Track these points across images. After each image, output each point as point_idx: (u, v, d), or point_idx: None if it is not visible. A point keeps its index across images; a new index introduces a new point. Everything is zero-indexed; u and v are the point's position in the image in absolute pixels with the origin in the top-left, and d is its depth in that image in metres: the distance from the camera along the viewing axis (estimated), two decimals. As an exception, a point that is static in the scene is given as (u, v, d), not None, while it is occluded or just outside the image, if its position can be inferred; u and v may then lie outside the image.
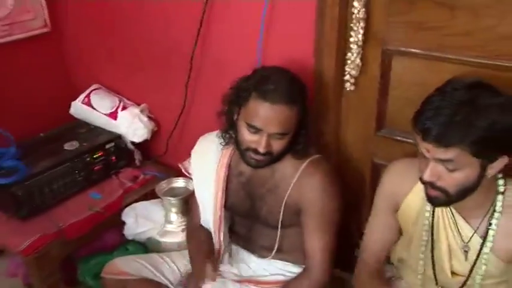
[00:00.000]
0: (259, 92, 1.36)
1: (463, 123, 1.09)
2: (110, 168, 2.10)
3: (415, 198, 1.34)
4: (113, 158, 2.10)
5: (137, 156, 2.20)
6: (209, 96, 1.88)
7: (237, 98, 1.43)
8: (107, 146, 2.09)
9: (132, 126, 2.13)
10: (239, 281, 1.59)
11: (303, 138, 1.45)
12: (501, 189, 1.23)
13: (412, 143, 1.48)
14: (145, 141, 2.18)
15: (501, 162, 1.14)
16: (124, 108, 2.17)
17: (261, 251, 1.61)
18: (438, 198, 1.20)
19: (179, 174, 2.00)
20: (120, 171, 2.13)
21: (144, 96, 2.20)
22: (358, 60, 1.52)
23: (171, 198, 1.87)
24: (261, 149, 1.38)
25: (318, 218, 1.46)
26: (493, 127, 1.08)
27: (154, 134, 2.21)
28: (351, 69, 1.54)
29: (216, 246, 1.61)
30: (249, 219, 1.60)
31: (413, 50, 1.44)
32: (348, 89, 1.57)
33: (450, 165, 1.13)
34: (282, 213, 1.49)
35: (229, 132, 1.52)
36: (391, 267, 1.52)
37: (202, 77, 1.94)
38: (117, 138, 2.13)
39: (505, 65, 1.31)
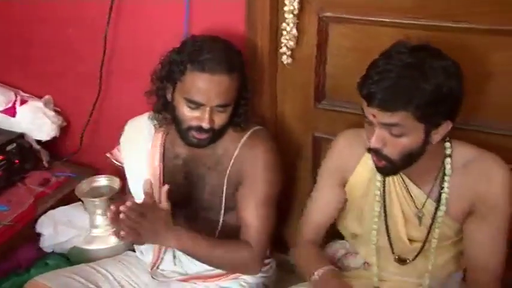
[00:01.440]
0: (195, 63, 1.29)
1: (408, 87, 1.09)
2: (13, 173, 1.86)
3: (364, 169, 1.33)
4: (16, 161, 1.87)
5: (44, 156, 1.98)
6: (129, 80, 1.75)
7: (170, 74, 1.35)
8: (8, 148, 1.85)
9: (36, 122, 1.93)
10: (185, 280, 1.50)
11: (244, 109, 1.41)
12: (448, 151, 1.26)
13: (354, 113, 1.49)
14: (53, 139, 1.98)
15: (445, 127, 1.16)
16: (23, 102, 1.95)
17: None
18: (384, 167, 1.21)
19: (98, 172, 1.86)
20: (26, 175, 1.91)
21: (46, 87, 1.98)
22: (294, 31, 1.47)
23: (95, 200, 1.70)
24: (205, 125, 1.32)
25: (257, 190, 1.41)
26: (438, 90, 1.09)
27: (64, 130, 2.02)
28: (287, 41, 1.48)
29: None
30: (189, 207, 1.51)
31: (350, 16, 1.43)
32: (285, 62, 1.52)
33: (396, 130, 1.13)
34: (224, 191, 1.44)
35: (162, 112, 1.43)
36: (345, 243, 1.51)
37: (120, 59, 1.78)
38: (19, 137, 1.91)
39: (444, 26, 1.33)
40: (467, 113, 1.35)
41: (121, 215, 1.23)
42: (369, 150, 1.21)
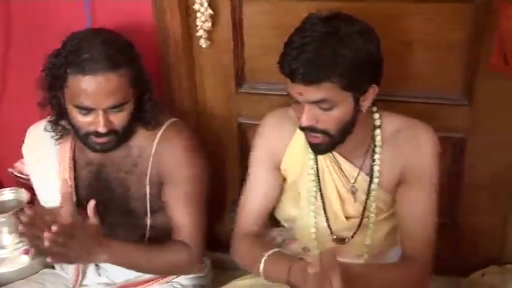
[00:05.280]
0: (74, 65, 1.23)
1: (329, 56, 1.11)
2: None
3: (297, 148, 1.33)
4: None
5: None
6: (28, 81, 1.63)
7: (53, 81, 1.28)
8: None
9: None
10: (113, 290, 1.44)
11: (149, 105, 1.36)
12: (377, 123, 1.28)
13: (278, 95, 1.50)
14: None
15: (372, 92, 1.19)
16: None
17: None
18: (322, 143, 1.21)
19: (1, 185, 1.74)
20: None
21: None
22: (209, 11, 1.44)
23: (-1, 216, 1.59)
24: (101, 129, 1.27)
25: (183, 188, 1.38)
26: (358, 55, 1.12)
27: None
28: (203, 23, 1.45)
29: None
30: (112, 215, 1.44)
31: (263, -9, 1.42)
32: (203, 45, 1.48)
33: (325, 105, 1.15)
34: (148, 194, 1.40)
35: (61, 122, 1.37)
36: (282, 230, 1.51)
37: (14, 57, 1.67)
38: None
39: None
40: (391, 83, 1.38)
41: (45, 242, 1.17)
42: (303, 129, 1.21)
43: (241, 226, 1.41)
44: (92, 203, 1.28)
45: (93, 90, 1.23)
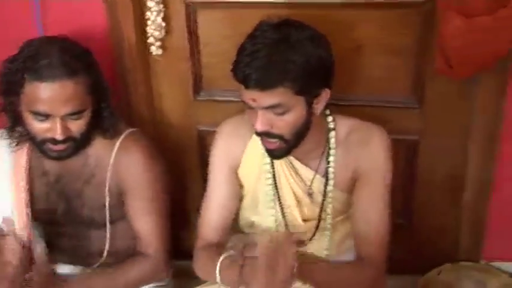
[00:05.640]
0: (31, 72, 1.23)
1: (281, 62, 1.13)
2: None
3: (253, 153, 1.35)
4: None
5: None
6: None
7: (9, 87, 1.28)
8: None
9: None
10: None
11: (107, 112, 1.36)
12: (331, 125, 1.32)
13: (236, 101, 1.50)
14: None
15: (324, 95, 1.22)
16: None
17: (89, 259, 1.46)
18: (277, 149, 1.23)
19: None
20: None
21: None
22: (159, 20, 1.45)
23: None
24: (58, 136, 1.26)
25: (144, 197, 1.38)
26: (309, 60, 1.15)
27: None
28: (153, 31, 1.46)
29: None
30: (71, 226, 1.43)
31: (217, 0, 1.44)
32: (154, 53, 1.49)
33: (278, 109, 1.17)
34: (107, 204, 1.39)
35: (17, 128, 1.35)
36: (243, 237, 1.50)
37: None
38: None
39: (306, 2, 1.39)
40: (344, 88, 1.43)
41: None
42: (258, 134, 1.23)
43: (201, 236, 1.41)
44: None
45: (51, 96, 1.23)
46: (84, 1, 1.48)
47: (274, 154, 1.27)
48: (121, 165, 1.38)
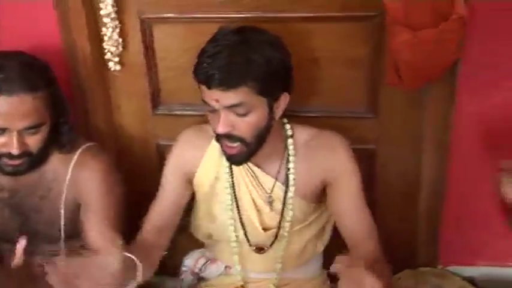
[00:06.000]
0: None
1: (242, 61, 1.17)
2: None
3: (211, 162, 1.36)
4: None
5: None
6: None
7: None
8: None
9: None
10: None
11: (65, 127, 1.36)
12: (289, 132, 1.34)
13: (195, 115, 1.53)
14: None
15: (284, 99, 1.25)
16: None
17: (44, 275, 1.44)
18: (238, 153, 1.24)
19: None
20: None
21: None
22: (116, 35, 1.46)
23: None
24: (15, 151, 1.26)
25: (98, 212, 1.38)
26: (269, 62, 1.18)
27: None
28: (110, 47, 1.47)
29: None
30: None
31: (171, 14, 1.45)
32: (112, 69, 1.50)
33: (241, 110, 1.19)
34: (62, 220, 1.39)
35: None
36: (204, 251, 1.52)
37: None
38: None
39: (262, 16, 1.41)
40: (301, 99, 1.46)
41: None
42: (218, 139, 1.24)
43: (141, 230, 1.38)
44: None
45: (8, 110, 1.23)
46: (38, 19, 1.48)
47: (234, 160, 1.28)
48: (78, 180, 1.38)
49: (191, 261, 1.52)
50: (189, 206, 1.45)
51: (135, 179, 1.65)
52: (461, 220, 1.59)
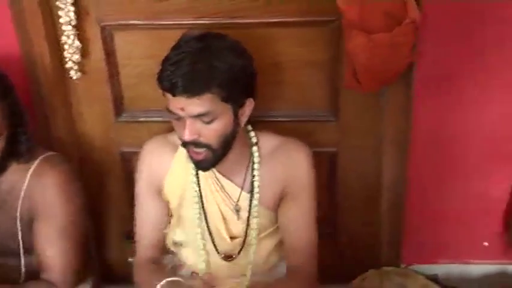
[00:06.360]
0: None
1: (205, 68, 1.17)
2: None
3: (178, 171, 1.37)
4: None
5: None
6: None
7: None
8: None
9: None
10: None
11: (24, 137, 1.34)
12: (254, 140, 1.35)
13: (158, 121, 1.53)
14: None
15: (249, 105, 1.26)
16: None
17: None
18: (204, 159, 1.25)
19: None
20: None
21: None
22: (76, 43, 1.45)
23: None
24: None
25: (52, 223, 1.36)
26: (233, 68, 1.19)
27: None
28: (71, 55, 1.46)
29: None
30: None
31: (132, 22, 1.45)
32: (74, 77, 1.49)
33: (206, 117, 1.19)
34: (20, 232, 1.36)
35: None
36: (172, 257, 1.51)
37: None
38: None
39: (223, 22, 1.42)
40: (264, 104, 1.46)
41: None
42: (185, 145, 1.25)
43: (139, 254, 1.42)
44: None
45: None
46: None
47: (201, 165, 1.28)
48: (34, 191, 1.35)
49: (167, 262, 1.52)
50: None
51: (99, 187, 1.65)
52: (423, 220, 1.63)
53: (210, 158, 1.25)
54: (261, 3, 1.41)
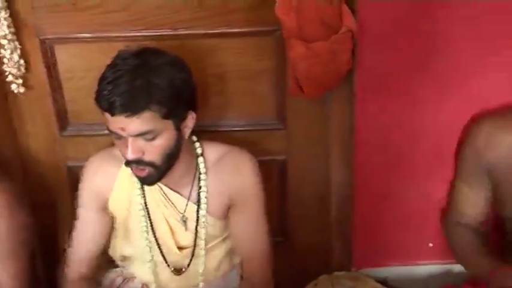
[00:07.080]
0: None
1: (144, 86, 1.16)
2: None
3: (123, 186, 1.36)
4: None
5: None
6: None
7: None
8: None
9: None
10: None
11: None
12: (199, 151, 1.35)
13: (104, 135, 1.49)
14: None
15: (191, 118, 1.26)
16: None
17: None
18: (148, 176, 1.24)
19: None
20: None
21: None
22: (16, 57, 1.42)
23: None
24: None
25: (2, 242, 1.33)
26: (172, 84, 1.18)
27: None
28: (11, 68, 1.43)
29: None
30: None
31: (74, 35, 1.44)
32: (16, 91, 1.46)
33: (148, 136, 1.18)
34: None
35: None
36: (121, 270, 1.50)
37: None
38: None
39: (168, 34, 1.43)
40: (210, 115, 1.49)
41: None
42: (127, 164, 1.23)
43: (69, 268, 1.40)
44: None
45: None
46: None
47: (145, 181, 1.28)
48: None
49: (108, 281, 1.50)
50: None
51: (46, 202, 1.62)
52: (371, 223, 1.66)
53: (153, 174, 1.25)
54: (205, 14, 1.42)
